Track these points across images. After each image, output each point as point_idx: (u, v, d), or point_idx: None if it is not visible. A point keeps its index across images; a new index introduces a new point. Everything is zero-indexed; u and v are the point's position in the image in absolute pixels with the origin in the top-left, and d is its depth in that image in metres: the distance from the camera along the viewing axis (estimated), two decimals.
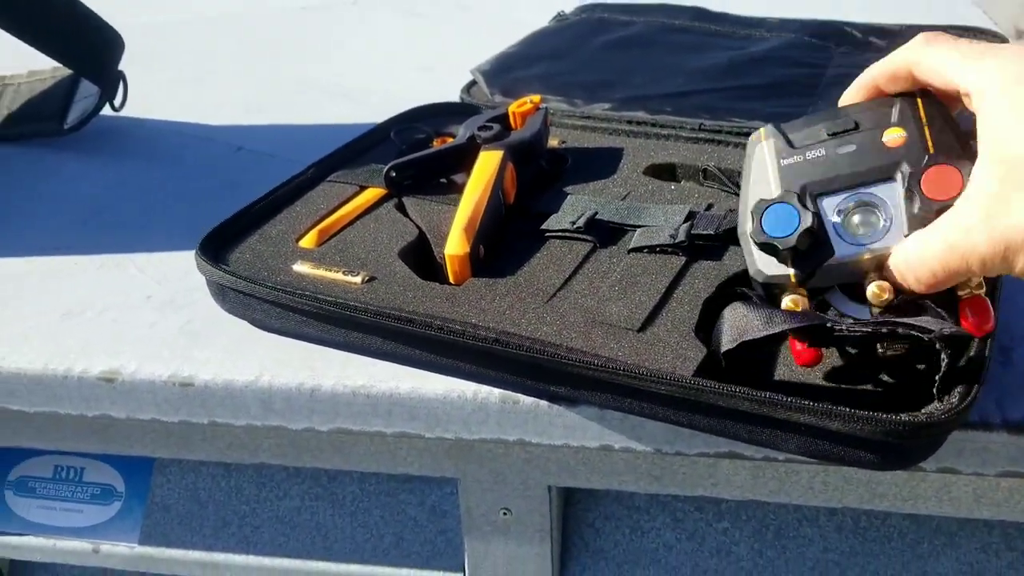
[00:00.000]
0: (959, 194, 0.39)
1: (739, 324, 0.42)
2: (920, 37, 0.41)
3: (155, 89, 0.94)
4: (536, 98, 0.65)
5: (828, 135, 0.44)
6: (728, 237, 0.52)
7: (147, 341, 0.54)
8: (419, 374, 0.49)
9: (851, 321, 0.41)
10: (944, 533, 0.53)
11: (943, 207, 0.39)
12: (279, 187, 0.61)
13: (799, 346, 0.42)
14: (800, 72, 0.78)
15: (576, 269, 0.52)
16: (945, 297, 0.41)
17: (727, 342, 0.41)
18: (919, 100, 0.43)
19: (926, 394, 0.41)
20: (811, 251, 0.42)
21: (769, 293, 0.43)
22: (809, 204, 0.42)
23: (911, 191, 0.40)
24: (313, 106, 0.89)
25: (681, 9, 0.96)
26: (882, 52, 0.81)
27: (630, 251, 0.53)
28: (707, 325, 0.46)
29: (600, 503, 0.57)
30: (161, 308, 0.57)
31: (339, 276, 0.51)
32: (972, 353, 0.42)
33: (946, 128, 0.42)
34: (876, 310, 0.41)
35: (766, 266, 0.42)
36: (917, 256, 0.39)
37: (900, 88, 0.43)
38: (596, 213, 0.56)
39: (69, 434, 0.58)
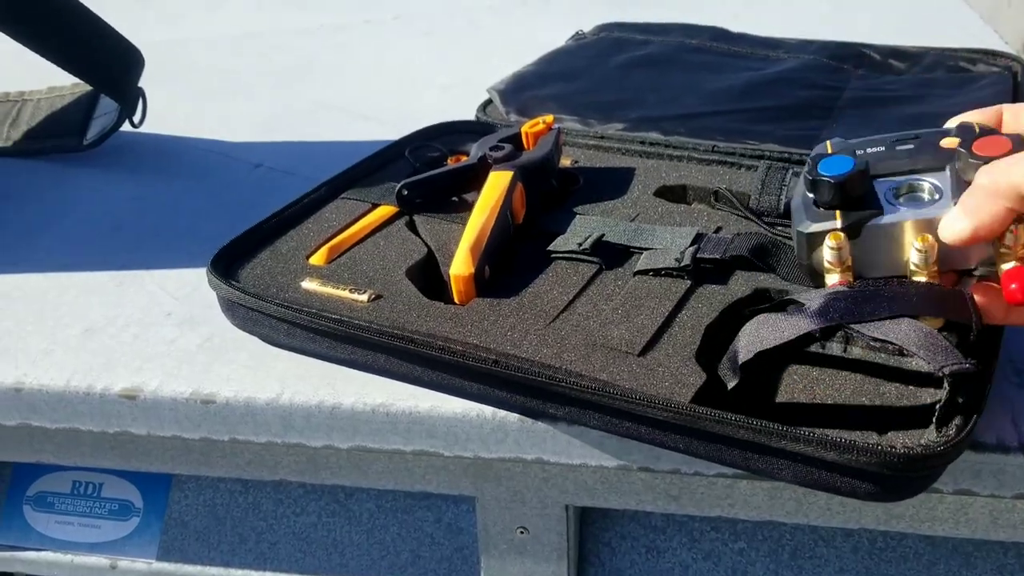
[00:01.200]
0: (1009, 151, 0.41)
1: (754, 338, 0.42)
2: None
3: (175, 105, 0.95)
4: (549, 118, 0.66)
5: (892, 141, 0.46)
6: (734, 262, 0.52)
7: (168, 358, 0.55)
8: (439, 393, 0.49)
9: (860, 330, 0.41)
10: (960, 554, 0.53)
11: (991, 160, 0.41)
12: (292, 204, 0.61)
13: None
14: (816, 94, 0.78)
15: (580, 291, 0.52)
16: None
17: (744, 354, 0.42)
18: (976, 125, 0.44)
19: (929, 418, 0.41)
20: (860, 204, 0.43)
21: (812, 249, 0.44)
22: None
23: (961, 161, 0.42)
24: (332, 124, 0.90)
25: (700, 29, 0.97)
26: (900, 75, 0.83)
27: (635, 274, 0.53)
28: (708, 350, 0.46)
29: (617, 522, 0.57)
30: (181, 325, 0.58)
31: (346, 294, 0.52)
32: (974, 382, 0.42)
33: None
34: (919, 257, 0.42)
35: (814, 219, 0.44)
36: (975, 186, 0.40)
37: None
38: (603, 235, 0.56)
39: (88, 450, 0.59)
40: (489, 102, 0.82)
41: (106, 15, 0.78)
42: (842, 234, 0.43)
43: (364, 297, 0.52)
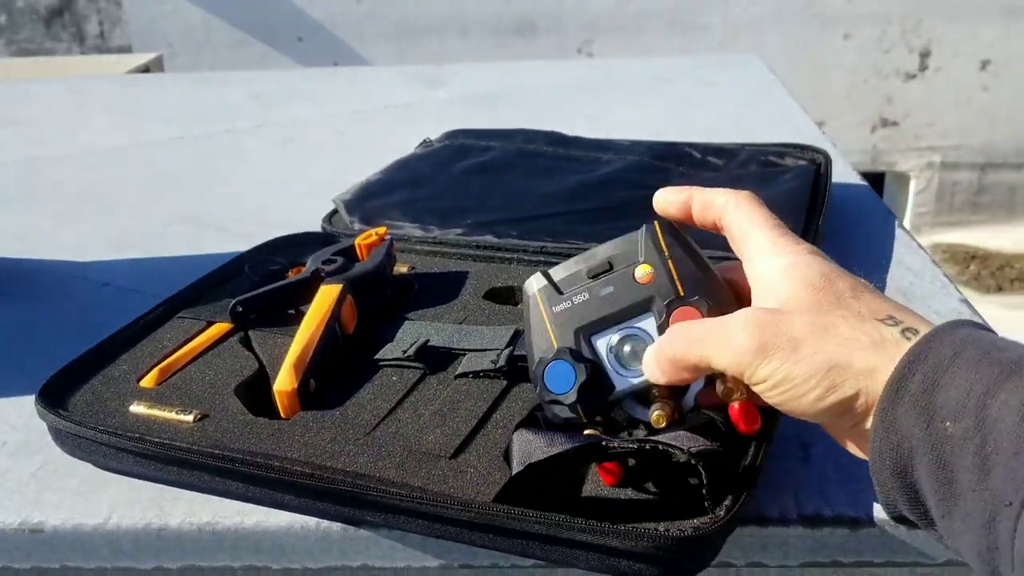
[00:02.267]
0: None
1: (525, 448, 0.46)
2: (745, 192, 0.48)
3: (29, 228, 0.96)
4: (381, 230, 0.69)
5: (589, 277, 0.49)
6: None
7: None
8: (265, 508, 0.51)
9: (619, 441, 0.45)
10: None
11: None
12: (127, 327, 0.63)
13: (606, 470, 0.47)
14: (639, 193, 0.84)
15: (403, 398, 0.55)
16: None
17: (516, 465, 0.46)
18: (658, 230, 0.49)
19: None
20: (593, 392, 0.47)
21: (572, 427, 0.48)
22: (584, 346, 0.48)
23: (662, 331, 0.47)
24: (184, 239, 0.92)
25: (537, 134, 1.03)
26: (718, 171, 0.90)
27: (456, 377, 0.56)
28: None
29: None
30: (15, 453, 0.58)
31: (172, 415, 0.53)
32: (747, 463, 0.46)
33: (684, 256, 0.48)
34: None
35: (560, 411, 0.47)
36: (673, 340, 0.45)
37: (708, 215, 0.49)
38: (428, 340, 0.59)
39: None
40: (335, 212, 0.85)
41: None
42: (595, 428, 0.47)
43: (190, 418, 0.53)
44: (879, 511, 0.49)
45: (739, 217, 0.47)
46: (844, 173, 0.96)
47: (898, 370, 0.37)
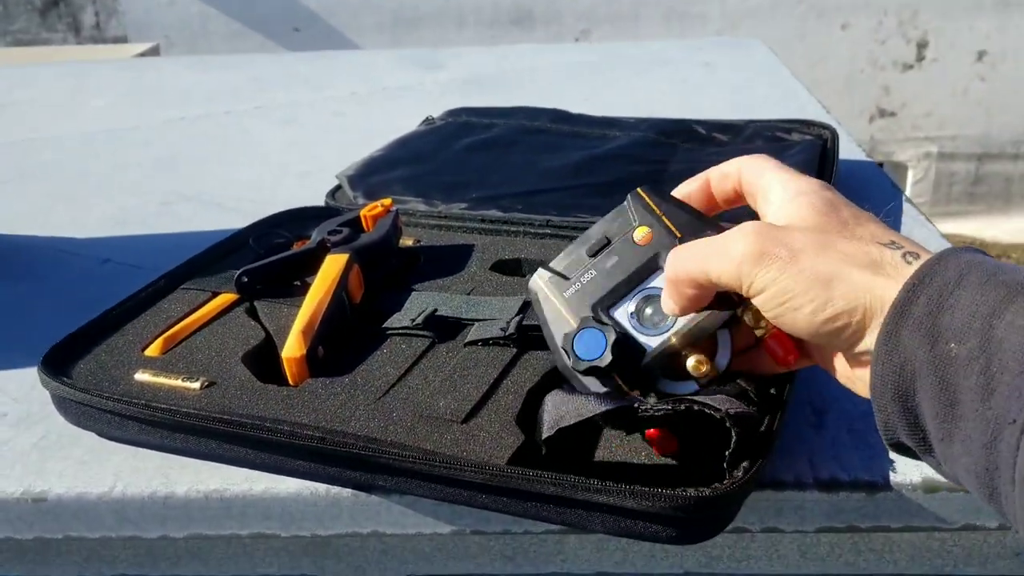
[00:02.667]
0: None
1: (556, 412, 0.45)
2: (757, 154, 0.49)
3: (27, 205, 0.95)
4: (387, 201, 0.68)
5: (590, 256, 0.49)
6: None
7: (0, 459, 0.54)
8: (274, 474, 0.50)
9: (653, 403, 0.44)
10: None
11: None
12: (130, 297, 0.62)
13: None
14: (645, 168, 0.83)
15: (412, 365, 0.54)
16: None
17: (546, 430, 0.45)
18: (643, 194, 0.49)
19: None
20: (627, 358, 0.45)
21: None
22: (605, 319, 0.47)
23: None
24: (185, 216, 0.91)
25: (541, 111, 1.02)
26: (723, 146, 0.89)
27: (466, 345, 0.55)
28: (529, 413, 0.49)
29: None
30: (16, 424, 0.57)
31: (178, 383, 0.53)
32: (763, 429, 0.46)
33: (676, 209, 0.48)
34: (701, 381, 0.45)
35: (596, 386, 0.46)
36: (675, 257, 0.44)
37: (727, 185, 0.49)
38: (436, 310, 0.58)
39: None
40: (338, 187, 0.84)
41: None
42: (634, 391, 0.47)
43: (196, 385, 0.52)
44: (896, 475, 0.48)
45: (754, 170, 0.47)
46: (849, 150, 0.95)
47: (902, 293, 0.36)
